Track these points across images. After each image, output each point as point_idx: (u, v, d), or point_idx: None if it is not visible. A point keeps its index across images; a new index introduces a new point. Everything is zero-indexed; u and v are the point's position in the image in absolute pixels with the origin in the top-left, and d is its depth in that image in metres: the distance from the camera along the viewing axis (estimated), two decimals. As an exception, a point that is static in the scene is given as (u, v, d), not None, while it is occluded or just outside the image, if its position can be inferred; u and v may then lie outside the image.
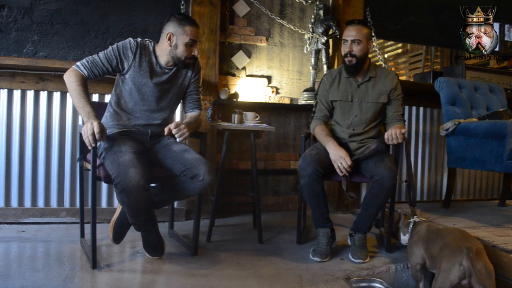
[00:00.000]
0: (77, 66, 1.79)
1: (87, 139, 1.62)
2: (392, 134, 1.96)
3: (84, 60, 1.81)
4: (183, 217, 2.71)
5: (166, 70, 1.93)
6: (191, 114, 2.04)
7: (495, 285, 1.54)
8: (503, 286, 1.76)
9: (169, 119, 2.03)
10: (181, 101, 2.09)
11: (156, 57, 1.90)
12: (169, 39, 1.85)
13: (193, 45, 1.88)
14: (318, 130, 2.17)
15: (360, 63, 2.11)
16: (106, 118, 1.96)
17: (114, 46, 1.85)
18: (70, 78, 1.76)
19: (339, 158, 1.99)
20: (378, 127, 2.24)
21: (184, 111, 2.10)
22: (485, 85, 2.93)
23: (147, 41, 1.92)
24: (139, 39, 1.89)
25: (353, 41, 2.08)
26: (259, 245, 2.26)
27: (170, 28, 1.85)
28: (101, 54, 1.83)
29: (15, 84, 2.42)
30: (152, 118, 1.94)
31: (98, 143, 1.76)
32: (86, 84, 1.78)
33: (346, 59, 2.11)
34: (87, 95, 1.75)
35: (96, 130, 1.60)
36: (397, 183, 2.05)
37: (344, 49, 2.11)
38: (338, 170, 2.02)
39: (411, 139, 3.34)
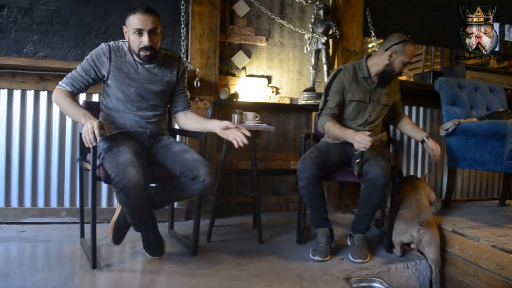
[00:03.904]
0: (60, 85, 1.82)
1: (87, 137, 1.60)
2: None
3: (64, 78, 1.83)
4: (183, 217, 2.71)
5: (147, 66, 1.89)
6: (193, 116, 2.04)
7: (438, 251, 2.06)
8: (503, 286, 1.76)
9: (164, 116, 2.03)
10: (169, 100, 2.06)
11: (133, 55, 1.88)
12: (126, 33, 1.85)
13: (141, 33, 1.76)
14: (330, 125, 2.13)
15: None
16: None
17: (88, 56, 1.85)
18: (56, 96, 1.79)
19: (360, 142, 1.94)
20: (379, 126, 2.30)
21: (173, 110, 2.07)
22: (485, 85, 2.93)
23: (121, 42, 1.89)
24: (111, 43, 1.87)
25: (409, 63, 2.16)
26: (259, 245, 2.26)
27: (125, 22, 1.83)
28: (78, 67, 1.84)
29: (15, 84, 2.42)
30: (146, 118, 1.93)
31: (98, 144, 1.76)
32: (74, 96, 1.81)
33: (394, 74, 2.16)
34: (77, 102, 1.78)
35: (95, 126, 1.60)
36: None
37: (403, 70, 2.14)
38: (361, 149, 1.98)
39: (411, 139, 3.34)
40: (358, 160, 2.04)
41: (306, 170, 2.00)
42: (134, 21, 1.76)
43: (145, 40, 1.78)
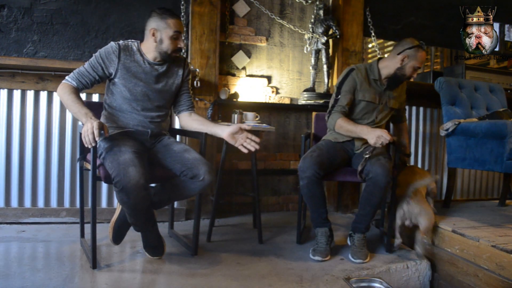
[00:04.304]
0: (66, 80, 1.82)
1: (87, 138, 1.60)
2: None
3: (71, 74, 1.83)
4: (183, 217, 2.71)
5: (156, 66, 1.92)
6: (198, 118, 2.04)
7: (431, 220, 2.13)
8: (503, 286, 1.76)
9: (166, 117, 2.04)
10: (174, 100, 2.08)
11: (142, 55, 1.90)
12: (153, 34, 1.85)
13: (178, 37, 1.88)
14: (342, 122, 2.13)
15: None
16: (103, 121, 1.95)
17: (97, 53, 1.85)
18: (61, 91, 1.79)
19: (380, 137, 1.98)
20: (383, 128, 2.32)
21: (177, 110, 2.08)
22: (485, 85, 2.93)
23: (130, 42, 1.91)
24: (121, 42, 1.88)
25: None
26: (259, 245, 2.26)
27: (153, 23, 1.85)
28: (86, 64, 1.85)
29: (15, 84, 2.42)
30: (150, 118, 1.94)
31: (98, 144, 1.76)
32: (78, 92, 1.81)
33: (404, 78, 2.20)
34: (81, 100, 1.77)
35: (95, 126, 1.59)
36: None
37: (413, 75, 2.19)
38: (377, 145, 2.01)
39: (411, 139, 3.34)
40: (368, 155, 2.03)
41: (307, 169, 2.00)
42: (174, 24, 1.85)
43: (182, 43, 1.90)
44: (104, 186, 2.61)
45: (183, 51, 2.02)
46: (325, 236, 2.09)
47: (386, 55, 2.36)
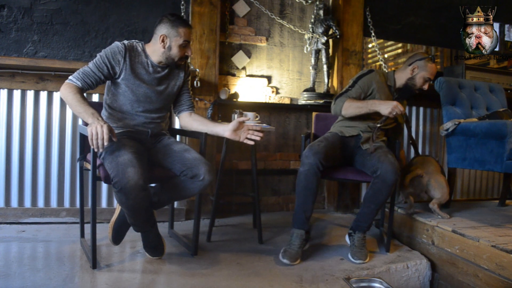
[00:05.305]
0: (70, 80, 1.78)
1: (96, 142, 1.57)
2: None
3: (75, 73, 1.79)
4: (183, 217, 2.71)
5: (159, 69, 1.92)
6: (199, 118, 2.04)
7: (445, 191, 2.42)
8: (503, 286, 1.76)
9: (166, 117, 2.05)
10: (174, 101, 2.08)
11: (147, 56, 1.90)
12: (163, 40, 1.85)
13: (187, 46, 1.89)
14: (350, 102, 2.17)
15: None
16: None
17: (102, 53, 1.83)
18: (65, 91, 1.74)
19: (395, 107, 2.06)
20: (382, 132, 2.36)
21: (178, 110, 2.08)
22: (485, 85, 2.93)
23: (134, 42, 1.90)
24: (126, 42, 1.87)
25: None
26: (259, 245, 2.26)
27: (163, 29, 1.85)
28: (90, 64, 1.82)
29: (15, 84, 2.42)
30: (150, 118, 1.94)
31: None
32: (83, 93, 1.77)
33: (415, 88, 2.30)
34: (87, 100, 1.74)
35: (105, 132, 1.56)
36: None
37: (424, 87, 2.28)
38: (391, 115, 2.09)
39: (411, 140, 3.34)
40: (380, 125, 2.13)
41: (312, 156, 1.98)
42: (185, 33, 1.86)
43: (190, 51, 1.91)
44: (104, 186, 2.61)
45: (189, 59, 2.01)
46: (299, 239, 2.02)
47: (386, 55, 2.39)
